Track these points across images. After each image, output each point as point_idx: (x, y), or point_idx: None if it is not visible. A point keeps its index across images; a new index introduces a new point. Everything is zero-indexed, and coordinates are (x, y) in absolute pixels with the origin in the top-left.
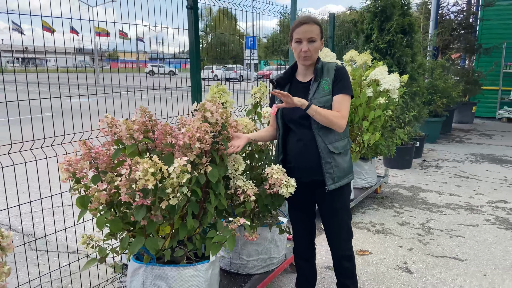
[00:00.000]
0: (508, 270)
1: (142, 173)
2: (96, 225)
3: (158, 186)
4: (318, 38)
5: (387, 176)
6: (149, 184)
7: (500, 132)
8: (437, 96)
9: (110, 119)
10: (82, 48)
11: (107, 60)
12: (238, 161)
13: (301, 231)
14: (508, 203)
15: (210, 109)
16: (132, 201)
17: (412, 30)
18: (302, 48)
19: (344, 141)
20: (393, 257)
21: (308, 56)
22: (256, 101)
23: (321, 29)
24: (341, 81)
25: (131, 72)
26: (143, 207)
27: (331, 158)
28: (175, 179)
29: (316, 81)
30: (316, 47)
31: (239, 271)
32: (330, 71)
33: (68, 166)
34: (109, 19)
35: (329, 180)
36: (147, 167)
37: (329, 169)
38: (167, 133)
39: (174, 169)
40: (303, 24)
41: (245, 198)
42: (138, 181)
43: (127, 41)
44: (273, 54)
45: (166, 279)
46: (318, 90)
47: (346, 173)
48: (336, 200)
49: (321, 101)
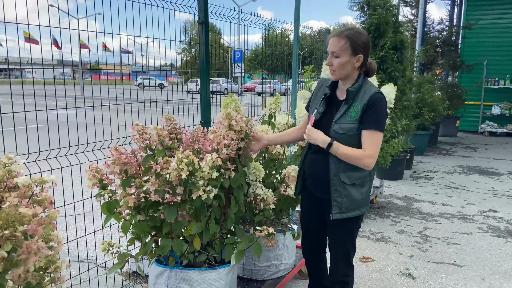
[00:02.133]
0: (504, 274)
1: (177, 163)
2: (121, 229)
3: (189, 180)
4: (343, 53)
5: (382, 186)
6: (183, 174)
7: (483, 145)
8: (425, 110)
9: (141, 127)
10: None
11: (88, 73)
12: (259, 168)
13: (311, 233)
14: (498, 212)
15: (235, 117)
16: (161, 200)
17: (403, 46)
18: (327, 61)
19: (362, 173)
20: (395, 263)
21: (333, 69)
22: (271, 112)
23: (352, 44)
24: (374, 112)
25: (115, 85)
26: (172, 207)
27: (342, 187)
28: (206, 173)
29: (347, 104)
30: (341, 62)
31: (252, 277)
32: (365, 97)
33: (95, 173)
34: (93, 32)
35: (335, 209)
36: (181, 157)
37: (337, 197)
38: (195, 140)
39: (206, 162)
40: (332, 37)
41: (265, 206)
42: (171, 172)
43: (113, 54)
44: (256, 68)
45: (190, 282)
46: (344, 115)
47: (357, 206)
48: (341, 229)
49: (344, 128)
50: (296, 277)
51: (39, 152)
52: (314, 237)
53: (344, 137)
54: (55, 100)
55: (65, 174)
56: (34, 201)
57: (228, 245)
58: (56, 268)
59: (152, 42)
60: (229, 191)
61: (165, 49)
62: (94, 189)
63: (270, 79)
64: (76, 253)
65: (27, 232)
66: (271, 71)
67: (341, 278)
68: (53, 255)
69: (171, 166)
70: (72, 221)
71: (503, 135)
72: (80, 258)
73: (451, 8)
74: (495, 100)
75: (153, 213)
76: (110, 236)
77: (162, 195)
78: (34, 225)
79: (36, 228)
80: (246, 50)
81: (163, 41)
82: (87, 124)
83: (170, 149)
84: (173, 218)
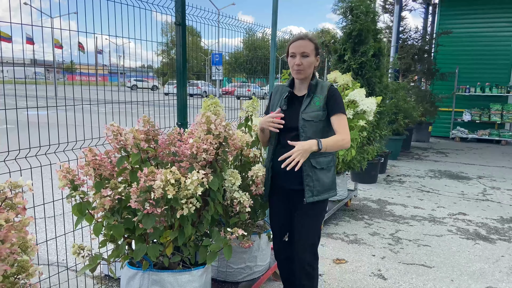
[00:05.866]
0: (472, 275)
1: (163, 183)
2: (93, 231)
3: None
4: (312, 54)
5: (356, 190)
6: (169, 194)
7: (454, 150)
8: (401, 116)
9: (116, 128)
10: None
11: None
12: (235, 176)
13: (280, 233)
14: (467, 215)
15: (214, 121)
16: (142, 208)
17: (381, 53)
18: (296, 61)
19: (328, 158)
20: (367, 265)
21: (301, 69)
22: (248, 115)
23: (316, 47)
24: (336, 100)
25: (89, 86)
26: (151, 216)
27: (312, 172)
28: (191, 191)
29: (309, 97)
30: (309, 61)
31: (227, 279)
32: (324, 89)
33: (66, 173)
34: (67, 30)
35: (308, 193)
36: (169, 177)
37: (309, 182)
38: (171, 143)
39: (191, 181)
40: (299, 40)
41: (240, 209)
42: (155, 190)
43: (86, 53)
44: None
45: (163, 284)
46: (309, 105)
47: (327, 189)
48: (311, 214)
49: (311, 115)
50: (271, 279)
51: (8, 152)
52: (284, 235)
53: (312, 124)
54: (25, 100)
55: (35, 176)
56: (7, 205)
57: (202, 247)
58: (27, 275)
59: (129, 43)
60: (206, 194)
61: (141, 50)
62: (66, 190)
63: (249, 82)
64: (46, 256)
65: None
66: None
67: (308, 267)
68: (26, 261)
69: (156, 184)
70: (42, 224)
71: (473, 141)
72: (50, 262)
73: (425, 16)
74: (466, 107)
75: (128, 215)
76: (82, 238)
77: (143, 204)
78: (5, 230)
79: (7, 234)
80: (226, 53)
81: (141, 42)
82: (58, 125)
83: (145, 151)
84: (151, 226)
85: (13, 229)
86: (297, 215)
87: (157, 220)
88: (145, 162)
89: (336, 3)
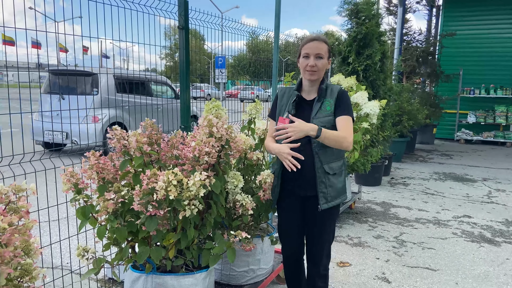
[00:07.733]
0: (477, 278)
1: (165, 184)
2: (97, 235)
3: (176, 199)
4: (325, 56)
5: (360, 192)
6: (171, 195)
7: (458, 152)
8: (405, 118)
9: (119, 132)
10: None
11: None
12: (238, 178)
13: (290, 236)
14: (472, 218)
15: (216, 124)
16: (144, 210)
17: (385, 56)
18: (309, 62)
19: (339, 162)
20: (371, 268)
21: (314, 71)
22: (251, 118)
23: (329, 49)
24: (345, 103)
25: None
26: (154, 218)
27: (326, 178)
28: (193, 192)
29: (319, 101)
30: (323, 63)
31: (230, 282)
32: (333, 93)
33: (70, 177)
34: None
35: (322, 200)
36: (171, 179)
37: (323, 188)
38: (173, 146)
39: (194, 182)
40: (313, 41)
41: (243, 212)
42: (158, 191)
43: (91, 57)
44: (239, 74)
45: (166, 287)
46: (320, 110)
47: (339, 193)
48: (326, 218)
49: (323, 121)
50: (274, 282)
51: (12, 156)
52: (295, 240)
53: None
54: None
55: (39, 179)
56: (10, 209)
57: (205, 250)
58: (31, 278)
59: (133, 47)
60: (208, 197)
61: (145, 53)
62: (70, 194)
63: (253, 85)
64: (50, 259)
65: (1, 241)
66: (254, 78)
67: (323, 271)
68: (30, 264)
69: (158, 185)
70: (46, 227)
71: (478, 143)
72: (55, 265)
73: (428, 18)
74: (470, 109)
75: (131, 218)
76: (86, 242)
77: (146, 207)
78: (9, 234)
79: (10, 237)
80: (229, 56)
81: (146, 46)
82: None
83: (149, 154)
84: (154, 229)
85: (16, 233)
86: (311, 222)
87: (160, 223)
88: (148, 165)
89: (342, 5)
